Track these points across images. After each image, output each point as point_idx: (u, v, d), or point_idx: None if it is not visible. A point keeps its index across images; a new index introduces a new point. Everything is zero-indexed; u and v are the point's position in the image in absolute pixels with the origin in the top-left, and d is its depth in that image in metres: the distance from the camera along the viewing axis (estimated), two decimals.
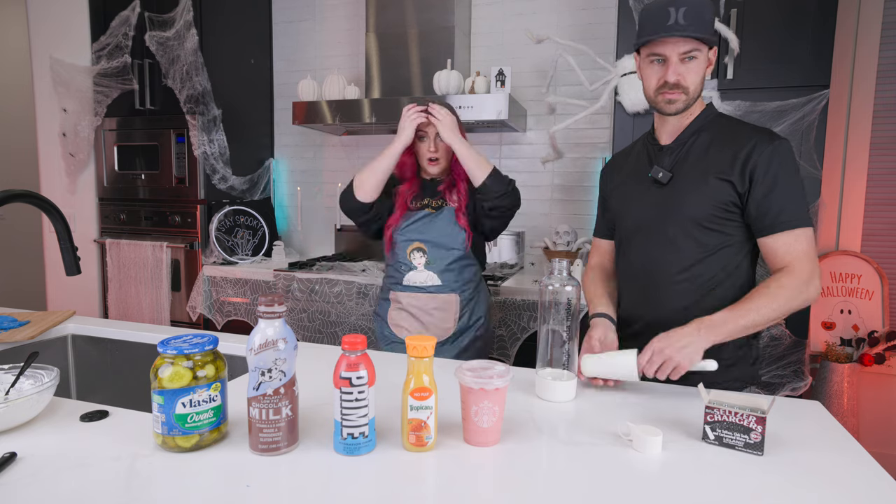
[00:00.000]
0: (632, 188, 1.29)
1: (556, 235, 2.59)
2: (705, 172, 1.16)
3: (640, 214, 1.26)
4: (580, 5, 2.72)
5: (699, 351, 1.05)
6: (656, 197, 1.22)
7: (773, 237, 1.12)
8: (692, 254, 1.18)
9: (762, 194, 1.11)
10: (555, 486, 0.75)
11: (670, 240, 1.20)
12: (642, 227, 1.26)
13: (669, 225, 1.20)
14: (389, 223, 1.67)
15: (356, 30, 3.06)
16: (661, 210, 1.21)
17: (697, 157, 1.19)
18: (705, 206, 1.15)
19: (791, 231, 1.10)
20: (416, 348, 0.84)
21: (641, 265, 1.26)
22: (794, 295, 1.08)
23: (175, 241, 2.89)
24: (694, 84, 1.15)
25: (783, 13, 2.01)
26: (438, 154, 1.64)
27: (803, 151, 2.02)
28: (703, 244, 1.17)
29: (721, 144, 1.17)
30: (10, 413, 0.88)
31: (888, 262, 2.49)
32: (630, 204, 1.29)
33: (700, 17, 1.09)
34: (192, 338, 0.87)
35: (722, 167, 1.14)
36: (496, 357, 2.34)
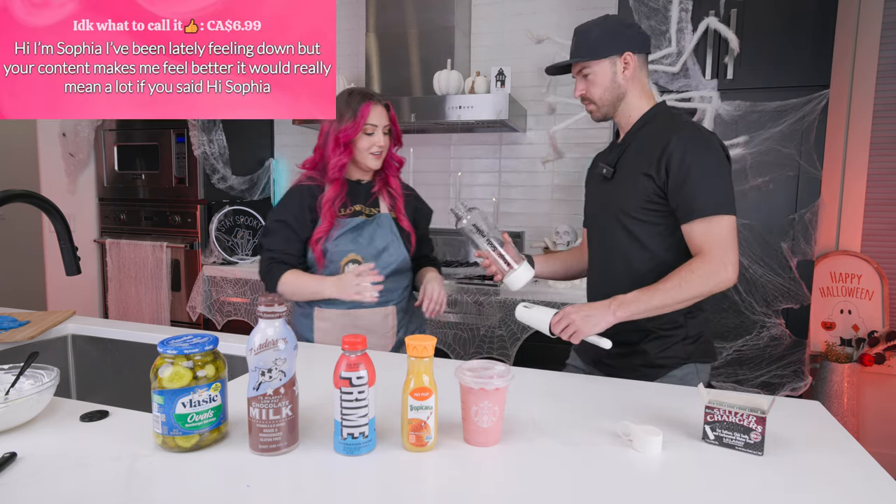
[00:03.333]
0: (591, 183, 1.44)
1: (556, 235, 2.59)
2: (636, 168, 1.26)
3: (593, 207, 1.41)
4: (580, 5, 2.72)
5: (601, 323, 1.15)
6: (603, 190, 1.36)
7: (689, 224, 1.19)
8: (627, 244, 1.28)
9: (677, 185, 1.19)
10: (555, 486, 0.75)
11: (611, 231, 1.32)
12: (592, 219, 1.41)
13: (610, 217, 1.31)
14: (317, 236, 1.49)
15: (356, 30, 3.06)
16: (605, 203, 1.34)
17: (634, 154, 1.29)
18: (634, 199, 1.25)
19: (705, 219, 1.17)
20: (416, 348, 0.83)
21: (593, 253, 1.41)
22: (705, 280, 1.15)
23: (175, 241, 2.89)
24: (598, 94, 1.29)
25: (783, 13, 2.01)
26: (384, 148, 1.52)
27: (803, 151, 2.02)
28: (636, 235, 1.27)
29: (650, 141, 1.25)
30: (10, 413, 0.88)
31: (888, 262, 2.49)
32: (588, 197, 1.45)
33: (584, 41, 1.28)
34: (192, 338, 0.87)
35: (646, 162, 1.23)
36: (496, 357, 2.34)
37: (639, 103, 1.30)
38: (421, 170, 3.04)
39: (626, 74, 1.27)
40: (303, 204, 1.51)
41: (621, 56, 1.26)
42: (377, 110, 1.49)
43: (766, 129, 2.03)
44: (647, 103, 1.31)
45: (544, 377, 1.22)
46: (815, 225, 2.04)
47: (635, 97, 1.30)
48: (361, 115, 1.47)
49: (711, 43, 2.07)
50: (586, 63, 1.27)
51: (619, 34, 1.27)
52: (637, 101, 1.30)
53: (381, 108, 1.50)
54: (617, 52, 1.26)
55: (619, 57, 1.26)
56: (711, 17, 2.03)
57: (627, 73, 1.27)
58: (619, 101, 1.30)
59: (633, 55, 1.27)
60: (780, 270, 2.07)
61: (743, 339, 2.11)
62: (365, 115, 1.47)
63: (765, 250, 2.07)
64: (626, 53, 1.26)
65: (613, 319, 1.15)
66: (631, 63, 1.27)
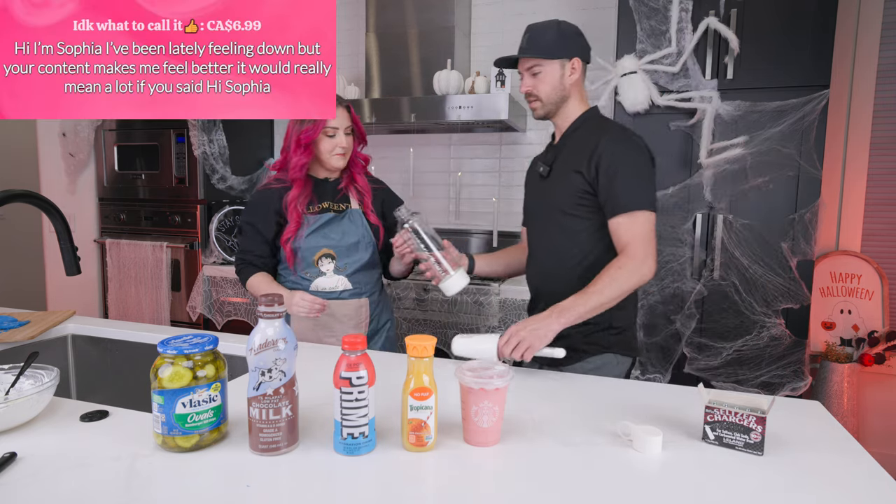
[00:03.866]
0: (530, 182, 1.51)
1: None
2: (569, 166, 1.33)
3: (531, 205, 1.49)
4: (580, 5, 2.72)
5: (549, 334, 1.17)
6: (540, 189, 1.43)
7: (614, 219, 1.26)
8: (561, 239, 1.36)
9: (605, 182, 1.27)
10: (555, 486, 0.75)
11: (546, 227, 1.40)
12: (530, 216, 1.49)
13: (546, 214, 1.39)
14: (286, 236, 1.54)
15: (356, 30, 3.06)
16: (541, 201, 1.42)
17: (568, 154, 1.36)
18: (568, 195, 1.33)
19: (629, 213, 1.25)
20: (416, 348, 0.83)
21: (531, 249, 1.47)
22: (631, 275, 1.22)
23: (175, 241, 2.89)
24: (545, 93, 1.34)
25: (783, 13, 2.01)
26: (346, 148, 1.55)
27: (803, 151, 2.02)
28: (568, 230, 1.35)
29: (583, 142, 1.33)
30: (10, 413, 0.88)
31: (888, 262, 2.49)
32: (527, 196, 1.52)
33: (540, 40, 1.33)
34: (192, 338, 0.87)
35: (579, 161, 1.31)
36: None
37: (577, 107, 1.38)
38: (421, 170, 3.04)
39: (572, 79, 1.34)
40: (269, 206, 1.57)
41: (570, 61, 1.33)
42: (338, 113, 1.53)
43: (766, 129, 2.03)
44: (584, 108, 1.39)
45: (544, 377, 1.22)
46: (815, 225, 2.04)
47: (576, 101, 1.38)
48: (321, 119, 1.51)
49: (711, 43, 2.07)
50: (538, 61, 1.32)
51: (572, 40, 1.35)
52: (576, 106, 1.38)
53: (342, 109, 1.55)
54: (568, 56, 1.33)
55: (569, 61, 1.33)
56: (711, 17, 2.03)
57: (573, 77, 1.35)
58: (562, 103, 1.37)
59: (580, 62, 1.35)
60: (780, 270, 2.07)
61: (743, 339, 2.11)
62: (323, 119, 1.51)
63: (765, 250, 2.07)
64: (575, 59, 1.34)
65: (559, 327, 1.18)
66: (577, 69, 1.35)
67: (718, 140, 2.06)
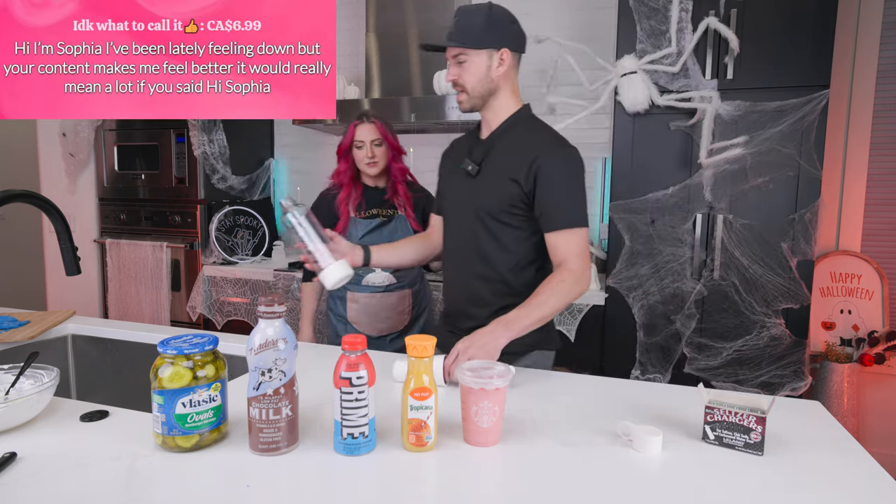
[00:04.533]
0: (453, 176, 1.41)
1: None
2: (503, 171, 1.27)
3: (454, 200, 1.39)
4: (580, 5, 2.72)
5: (498, 347, 1.13)
6: (466, 186, 1.34)
7: (553, 234, 1.24)
8: (489, 243, 1.31)
9: (544, 196, 1.23)
10: (555, 486, 0.75)
11: (471, 228, 1.32)
12: (453, 213, 1.40)
13: (472, 214, 1.32)
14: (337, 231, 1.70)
15: (356, 30, 3.05)
16: (467, 200, 1.33)
17: (500, 155, 1.30)
18: (500, 201, 1.27)
19: (569, 230, 1.23)
20: (416, 348, 0.83)
21: (450, 245, 1.41)
22: (572, 288, 1.21)
23: (175, 241, 2.89)
24: (471, 84, 1.27)
25: (783, 13, 2.01)
26: (377, 158, 1.79)
27: (803, 151, 2.02)
28: (497, 236, 1.30)
29: (519, 147, 1.27)
30: (10, 413, 0.88)
31: (888, 262, 2.49)
32: (449, 189, 1.43)
33: (467, 27, 1.24)
34: (192, 338, 0.87)
35: (514, 168, 1.25)
36: None
37: (508, 103, 1.31)
38: (421, 170, 3.03)
39: (500, 71, 1.26)
40: (327, 208, 1.84)
41: (499, 51, 1.25)
42: (364, 128, 1.77)
43: (766, 129, 2.03)
44: (516, 104, 1.32)
45: (544, 377, 1.22)
46: (815, 225, 2.04)
47: (506, 95, 1.30)
48: (350, 133, 1.79)
49: (711, 43, 2.07)
50: (463, 50, 1.25)
51: (502, 28, 1.26)
52: (507, 101, 1.31)
53: (370, 125, 1.77)
54: (495, 45, 1.24)
55: (497, 52, 1.25)
56: (711, 17, 2.03)
57: (502, 69, 1.26)
58: (490, 96, 1.29)
59: (510, 53, 1.26)
60: (780, 270, 2.07)
61: (743, 339, 2.10)
62: (352, 133, 1.79)
63: (765, 250, 2.07)
64: (503, 49, 1.25)
65: (505, 341, 1.14)
66: (506, 60, 1.26)
67: (718, 140, 2.06)
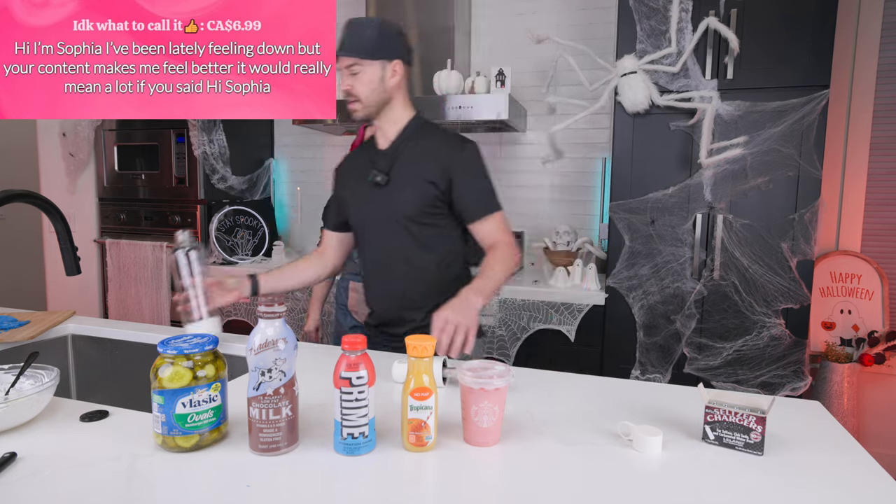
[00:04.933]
0: (358, 189, 1.44)
1: (556, 235, 2.59)
2: (416, 175, 1.34)
3: (366, 213, 1.42)
4: (580, 5, 2.72)
5: (474, 309, 1.17)
6: (377, 197, 1.39)
7: (478, 223, 1.35)
8: (411, 246, 1.37)
9: (461, 191, 1.33)
10: (555, 487, 0.75)
11: (392, 236, 1.38)
12: (369, 226, 1.43)
13: (391, 223, 1.37)
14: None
15: None
16: (381, 209, 1.38)
17: (409, 161, 1.36)
18: (418, 205, 1.34)
19: (490, 216, 1.34)
20: (416, 348, 0.83)
21: (374, 259, 1.45)
22: (508, 265, 1.30)
23: (175, 241, 2.89)
24: (364, 94, 1.31)
25: (783, 13, 2.01)
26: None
27: (803, 151, 2.02)
28: (420, 237, 1.37)
29: (427, 151, 1.36)
30: (10, 413, 0.88)
31: (888, 262, 2.49)
32: (358, 204, 1.44)
33: (359, 38, 1.28)
34: (192, 338, 0.87)
35: (428, 171, 1.33)
36: (496, 357, 2.34)
37: (403, 112, 1.38)
38: None
39: (394, 81, 1.32)
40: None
41: (391, 62, 1.30)
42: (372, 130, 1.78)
43: (766, 129, 2.03)
44: (409, 113, 1.40)
45: (544, 377, 1.22)
46: (815, 225, 2.04)
47: (400, 105, 1.37)
48: (360, 133, 1.88)
49: (711, 43, 2.07)
50: (357, 60, 1.28)
51: (394, 41, 1.32)
52: (402, 110, 1.38)
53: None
54: (388, 57, 1.30)
55: (390, 63, 1.30)
56: (711, 17, 2.03)
57: (395, 79, 1.32)
58: (384, 106, 1.35)
59: (402, 64, 1.32)
60: (780, 270, 2.07)
61: (743, 339, 2.11)
62: (361, 133, 1.87)
63: (765, 250, 2.07)
64: (396, 61, 1.31)
65: (479, 304, 1.19)
66: (399, 71, 1.32)
67: (718, 140, 2.06)
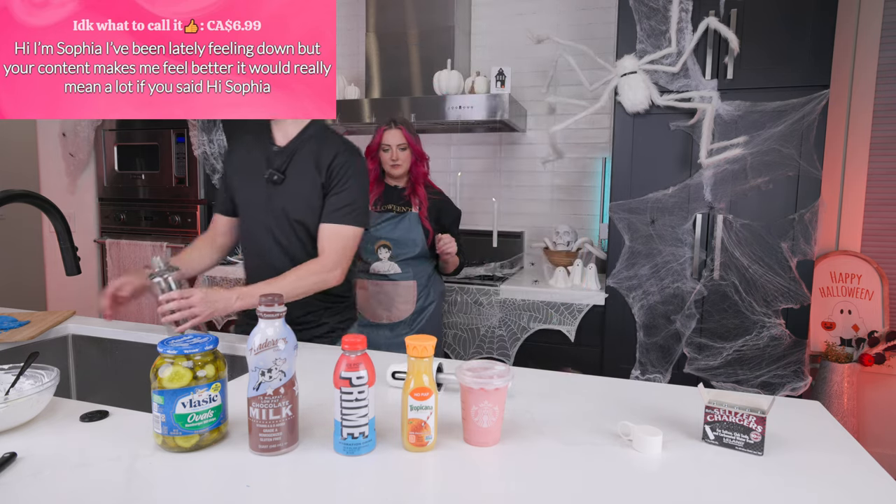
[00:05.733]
0: (252, 183, 1.47)
1: (556, 235, 2.59)
2: (308, 175, 1.40)
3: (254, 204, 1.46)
4: (580, 5, 2.72)
5: (226, 310, 1.25)
6: (270, 192, 1.43)
7: (323, 225, 1.39)
8: (297, 244, 1.43)
9: (334, 192, 1.39)
10: (555, 486, 0.75)
11: (279, 232, 1.43)
12: (255, 215, 1.47)
13: (279, 219, 1.43)
14: None
15: (356, 30, 3.06)
16: (273, 204, 1.43)
17: (304, 162, 1.41)
18: (308, 205, 1.40)
19: (336, 224, 1.38)
20: (416, 348, 0.83)
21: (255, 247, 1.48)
22: (317, 277, 1.34)
23: (175, 241, 2.89)
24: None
25: (783, 13, 2.01)
26: (400, 161, 1.93)
27: (803, 151, 2.02)
28: (305, 236, 1.42)
29: (323, 152, 1.41)
30: (10, 413, 0.88)
31: (888, 262, 2.49)
32: (245, 192, 1.48)
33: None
34: (192, 338, 0.87)
35: (317, 171, 1.40)
36: (496, 357, 2.34)
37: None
38: None
39: None
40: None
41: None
42: (391, 133, 1.92)
43: (766, 129, 2.03)
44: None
45: (544, 377, 1.22)
46: (815, 225, 2.04)
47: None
48: (378, 136, 1.94)
49: (711, 43, 2.07)
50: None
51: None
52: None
53: (396, 131, 1.92)
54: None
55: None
56: (711, 17, 2.03)
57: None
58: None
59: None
60: (780, 270, 2.07)
61: (743, 339, 2.11)
62: (380, 137, 1.94)
63: (765, 250, 2.07)
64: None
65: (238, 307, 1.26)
66: None
67: (718, 140, 2.06)
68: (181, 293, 1.19)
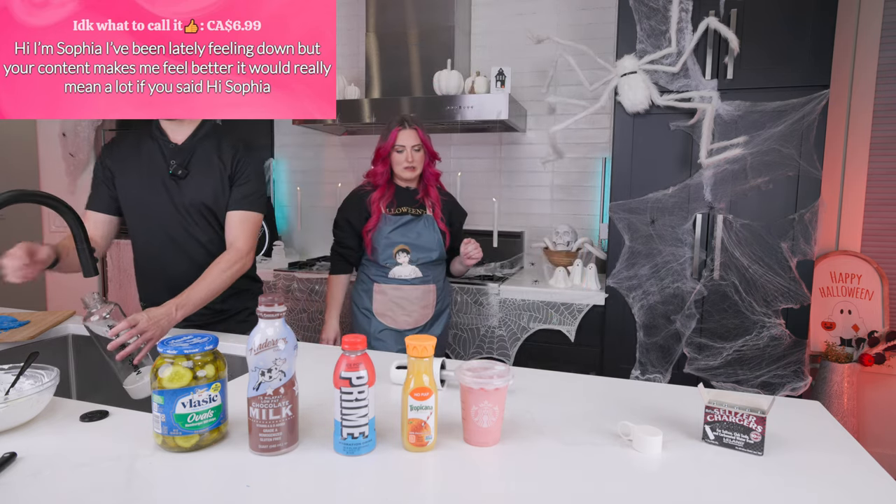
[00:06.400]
0: (148, 181, 1.49)
1: (556, 235, 2.59)
2: (213, 169, 1.49)
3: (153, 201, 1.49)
4: (580, 5, 2.72)
5: (170, 324, 1.28)
6: (172, 187, 1.48)
7: (231, 213, 1.49)
8: (203, 232, 1.50)
9: (237, 182, 1.50)
10: (555, 487, 0.75)
11: (186, 224, 1.49)
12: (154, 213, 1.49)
13: (184, 212, 1.48)
14: (367, 228, 1.88)
15: (356, 30, 3.06)
16: (177, 199, 1.48)
17: (206, 156, 1.50)
18: (215, 196, 1.49)
19: (244, 211, 1.49)
20: (416, 348, 0.83)
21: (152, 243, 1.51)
22: (239, 265, 1.44)
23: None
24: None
25: (783, 13, 2.01)
26: (415, 162, 1.87)
27: (803, 151, 2.02)
28: (214, 225, 1.51)
29: (220, 148, 1.51)
30: (10, 413, 0.88)
31: (888, 262, 2.49)
32: (146, 194, 1.49)
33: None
34: (192, 338, 0.87)
35: (223, 165, 1.49)
36: (496, 357, 2.34)
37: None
38: None
39: None
40: (359, 204, 1.91)
41: None
42: (405, 133, 1.85)
43: (766, 129, 2.03)
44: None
45: (544, 377, 1.22)
46: (815, 225, 2.04)
47: None
48: (392, 137, 1.85)
49: (711, 43, 2.07)
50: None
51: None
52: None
53: (411, 131, 1.86)
54: None
55: None
56: (711, 17, 2.03)
57: None
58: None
59: None
60: (780, 270, 2.07)
61: (743, 339, 2.11)
62: (394, 137, 1.85)
63: (765, 250, 2.07)
64: None
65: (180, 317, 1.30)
66: None
67: (718, 140, 2.06)
68: (128, 323, 1.18)
